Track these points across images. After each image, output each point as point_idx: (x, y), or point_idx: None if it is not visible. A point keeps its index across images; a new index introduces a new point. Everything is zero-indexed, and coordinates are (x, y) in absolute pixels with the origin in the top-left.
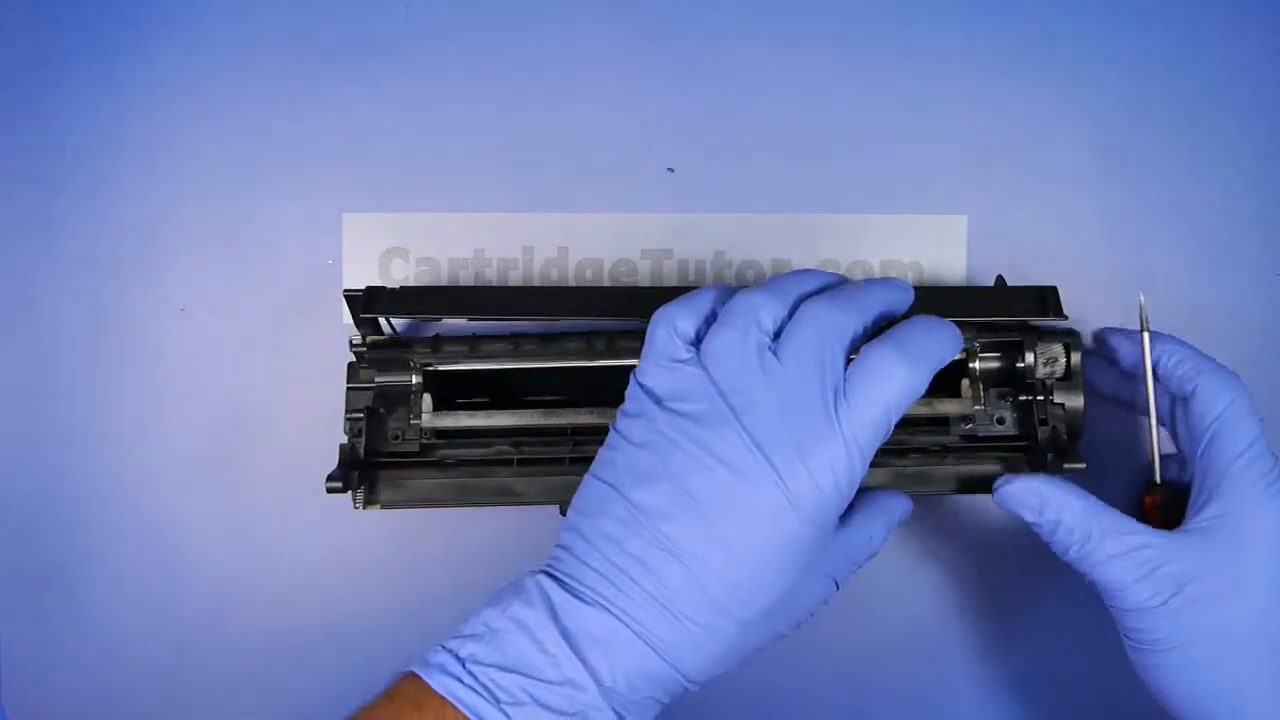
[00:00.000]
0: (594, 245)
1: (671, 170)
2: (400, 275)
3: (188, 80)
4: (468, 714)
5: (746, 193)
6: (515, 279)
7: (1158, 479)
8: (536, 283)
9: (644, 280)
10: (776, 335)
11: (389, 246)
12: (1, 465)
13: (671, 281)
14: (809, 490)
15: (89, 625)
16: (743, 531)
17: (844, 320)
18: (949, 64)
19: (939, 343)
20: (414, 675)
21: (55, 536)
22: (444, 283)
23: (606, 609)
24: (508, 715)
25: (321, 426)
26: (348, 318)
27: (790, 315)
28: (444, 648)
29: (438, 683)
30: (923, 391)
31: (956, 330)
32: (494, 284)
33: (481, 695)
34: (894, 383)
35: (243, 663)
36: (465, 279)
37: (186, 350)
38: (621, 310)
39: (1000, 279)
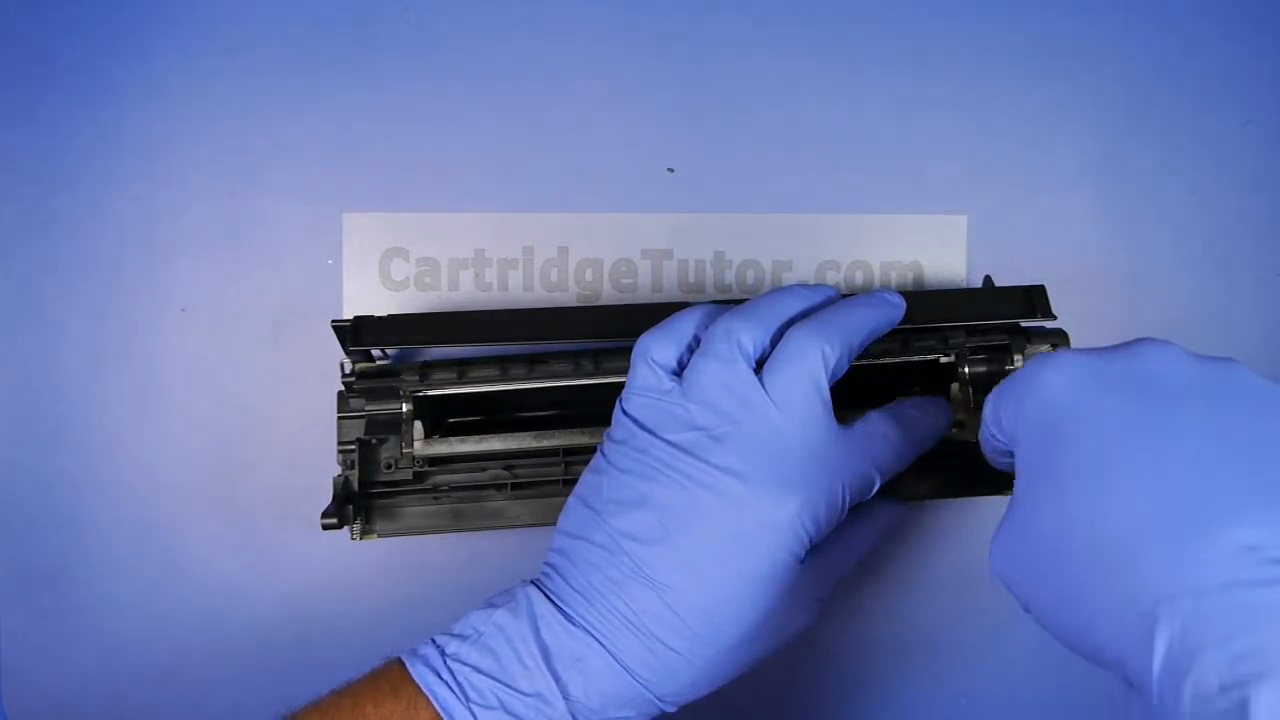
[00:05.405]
0: (594, 245)
1: (671, 170)
2: (400, 275)
3: (188, 80)
4: (438, 707)
5: (746, 193)
6: (515, 279)
7: None
8: (537, 283)
9: (644, 280)
10: (760, 361)
11: (389, 246)
12: (1, 465)
13: (672, 282)
14: (789, 523)
15: (89, 625)
16: (720, 561)
17: (829, 352)
18: (949, 64)
19: (932, 424)
20: (399, 662)
21: (55, 536)
22: (444, 283)
23: (586, 629)
24: (475, 715)
25: (321, 426)
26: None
27: (774, 338)
28: (432, 641)
29: (417, 673)
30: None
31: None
32: (493, 285)
33: (454, 692)
34: (886, 446)
35: (242, 663)
36: (465, 279)
37: (186, 350)
38: (607, 332)
39: (988, 279)
